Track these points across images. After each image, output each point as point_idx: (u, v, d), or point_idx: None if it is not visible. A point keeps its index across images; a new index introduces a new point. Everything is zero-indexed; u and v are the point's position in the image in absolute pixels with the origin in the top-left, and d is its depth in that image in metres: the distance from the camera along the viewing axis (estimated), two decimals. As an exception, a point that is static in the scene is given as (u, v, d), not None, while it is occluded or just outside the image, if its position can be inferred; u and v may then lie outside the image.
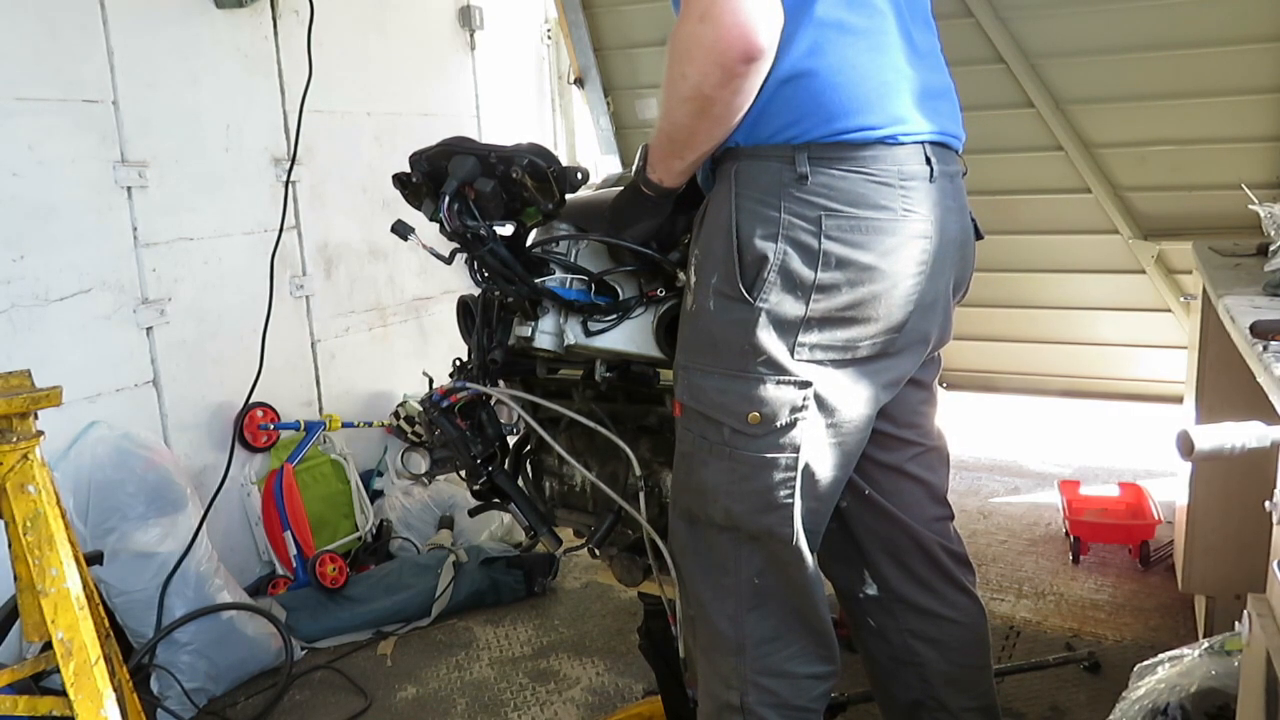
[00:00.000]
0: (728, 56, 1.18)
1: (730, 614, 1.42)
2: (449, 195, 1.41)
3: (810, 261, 1.27)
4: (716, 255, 1.32)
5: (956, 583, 1.65)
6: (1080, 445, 4.06)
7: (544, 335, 1.53)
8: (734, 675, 1.43)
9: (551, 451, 1.80)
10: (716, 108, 1.24)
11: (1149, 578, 2.89)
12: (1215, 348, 2.11)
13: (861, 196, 1.28)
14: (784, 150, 1.28)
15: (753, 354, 1.31)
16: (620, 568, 1.76)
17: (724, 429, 1.34)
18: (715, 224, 1.34)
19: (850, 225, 1.27)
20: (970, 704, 1.67)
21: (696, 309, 1.36)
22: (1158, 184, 3.33)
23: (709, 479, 1.37)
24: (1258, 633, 1.20)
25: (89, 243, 2.52)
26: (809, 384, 1.32)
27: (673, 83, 1.24)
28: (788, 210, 1.28)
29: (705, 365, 1.35)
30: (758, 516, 1.37)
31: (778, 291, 1.29)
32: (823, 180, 1.27)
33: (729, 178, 1.33)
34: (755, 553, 1.40)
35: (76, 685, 1.48)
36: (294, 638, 2.63)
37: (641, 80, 4.22)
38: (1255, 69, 3.02)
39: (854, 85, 1.28)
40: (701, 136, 1.29)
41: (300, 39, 2.91)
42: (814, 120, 1.27)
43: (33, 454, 1.52)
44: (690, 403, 1.37)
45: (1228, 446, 1.02)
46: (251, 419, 2.95)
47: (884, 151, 1.29)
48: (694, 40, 1.19)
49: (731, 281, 1.30)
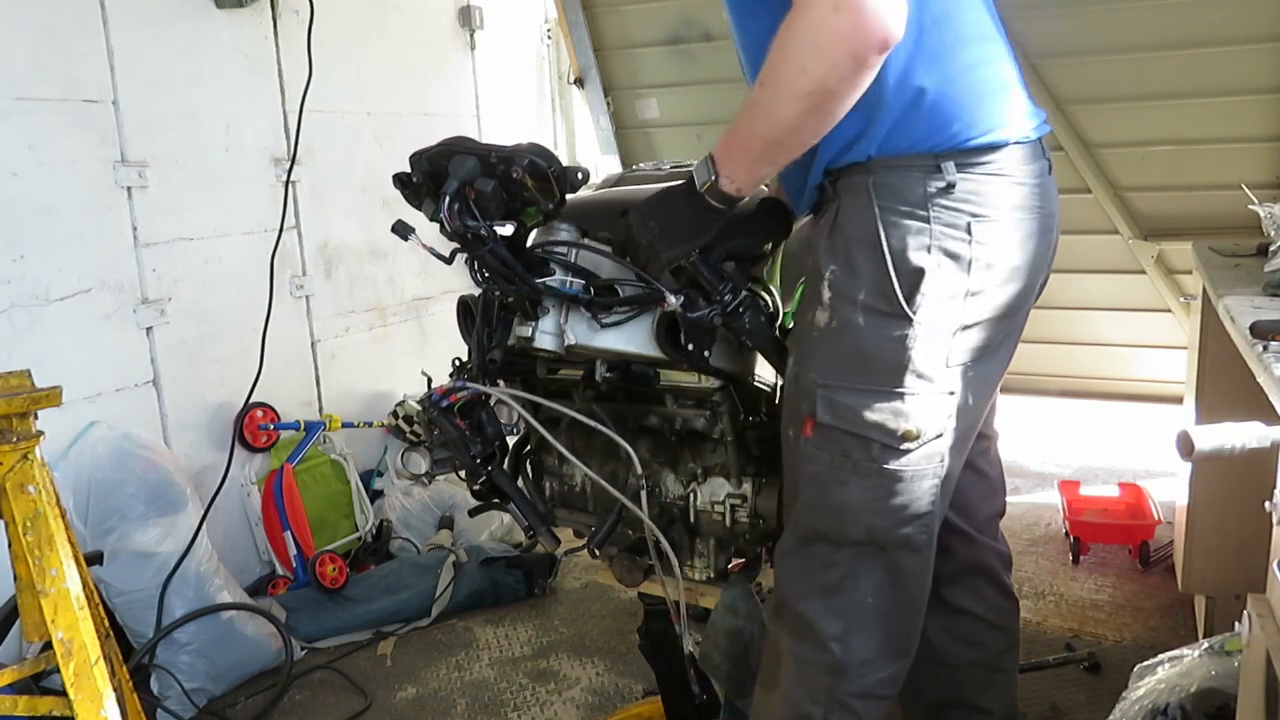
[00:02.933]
0: (865, 46, 1.12)
1: (838, 635, 1.38)
2: (449, 195, 1.40)
3: (963, 269, 1.27)
4: (863, 271, 1.28)
5: (1002, 586, 1.67)
6: (1080, 445, 4.06)
7: (544, 335, 1.53)
8: (824, 693, 1.40)
9: (551, 451, 1.80)
10: (836, 104, 1.19)
11: (1149, 578, 2.89)
12: (1215, 348, 2.11)
13: (1006, 199, 1.29)
14: (928, 160, 1.27)
15: (909, 368, 1.28)
16: (620, 568, 1.76)
17: (872, 446, 1.31)
18: (855, 238, 1.29)
19: (998, 229, 1.28)
20: (996, 708, 1.68)
21: (840, 325, 1.31)
22: (1158, 184, 3.33)
23: (850, 498, 1.33)
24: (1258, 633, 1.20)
25: (89, 243, 2.52)
26: (954, 391, 1.32)
27: (788, 79, 1.17)
28: (937, 220, 1.26)
29: (854, 383, 1.30)
30: (897, 529, 1.34)
31: (933, 303, 1.27)
32: (969, 187, 1.26)
33: (864, 191, 1.29)
34: (875, 569, 1.37)
35: (76, 685, 1.48)
36: (294, 638, 2.63)
37: (641, 80, 4.22)
38: (1255, 69, 3.02)
39: (990, 89, 1.29)
40: (807, 136, 1.24)
41: (300, 39, 2.91)
42: (958, 127, 1.27)
43: (33, 454, 1.52)
44: (834, 422, 1.31)
45: (1228, 447, 1.02)
46: (251, 419, 2.95)
47: (1018, 151, 1.30)
48: (826, 30, 1.12)
49: (886, 297, 1.27)
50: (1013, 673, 1.73)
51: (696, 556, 1.80)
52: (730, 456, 1.71)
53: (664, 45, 4.08)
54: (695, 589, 1.78)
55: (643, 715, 2.18)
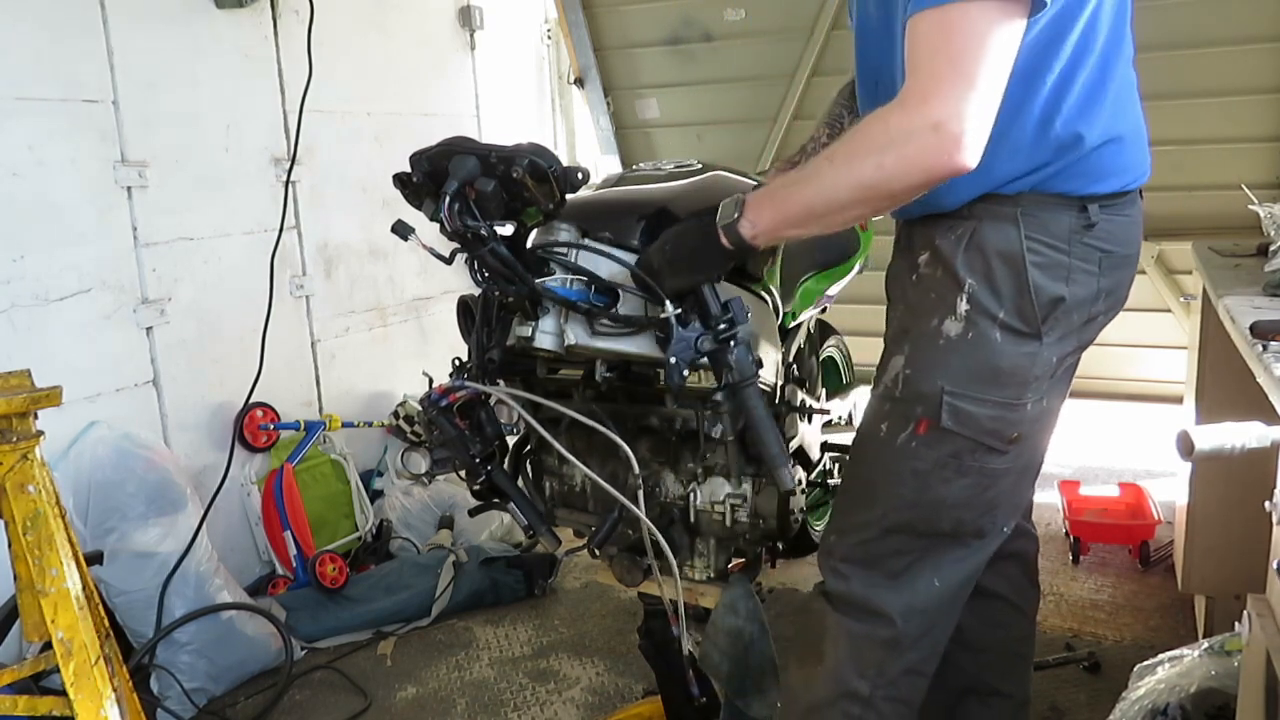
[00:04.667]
0: (945, 171, 1.17)
1: (902, 611, 1.44)
2: (449, 195, 1.40)
3: (1091, 299, 1.38)
4: (1003, 292, 1.35)
5: (1030, 572, 1.76)
6: (1080, 445, 4.05)
7: (544, 335, 1.53)
8: (875, 668, 1.45)
9: (551, 451, 1.80)
10: (886, 203, 1.25)
11: (1149, 578, 2.88)
12: (1215, 348, 2.11)
13: (1129, 238, 1.41)
14: (1078, 201, 1.35)
15: (1031, 383, 1.37)
16: (620, 568, 1.76)
17: (980, 449, 1.38)
18: (998, 260, 1.35)
19: (1118, 263, 1.40)
20: (1017, 692, 1.75)
21: (976, 339, 1.36)
22: (1158, 184, 3.27)
23: (950, 494, 1.40)
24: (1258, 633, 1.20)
25: (89, 243, 2.52)
26: (1045, 398, 1.41)
27: (858, 165, 1.21)
28: (1075, 255, 1.35)
29: (982, 393, 1.36)
30: (979, 521, 1.43)
31: (1061, 327, 1.37)
32: (1104, 226, 1.36)
33: (1012, 220, 1.34)
34: (945, 555, 1.44)
35: (76, 685, 1.48)
36: (294, 638, 2.63)
37: (641, 80, 4.22)
38: (1255, 69, 3.02)
39: (1135, 142, 1.41)
40: (843, 220, 1.30)
41: (300, 39, 2.91)
42: (1114, 177, 1.37)
43: (33, 454, 1.52)
44: (956, 428, 1.37)
45: (1228, 446, 1.02)
46: (251, 419, 2.95)
47: (1135, 195, 1.43)
48: (917, 143, 1.16)
49: (1025, 318, 1.35)
50: (1031, 658, 1.81)
51: (696, 556, 1.80)
52: (730, 456, 1.71)
53: (664, 45, 4.08)
54: (695, 589, 1.78)
55: (643, 715, 2.18)
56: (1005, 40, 1.16)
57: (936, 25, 1.16)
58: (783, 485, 1.52)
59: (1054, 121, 1.30)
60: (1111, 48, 1.32)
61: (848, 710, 1.46)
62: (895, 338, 1.46)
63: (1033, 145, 1.31)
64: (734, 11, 3.90)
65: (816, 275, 2.13)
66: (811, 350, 2.33)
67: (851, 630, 1.46)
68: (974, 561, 1.48)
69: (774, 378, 1.79)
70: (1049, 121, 1.30)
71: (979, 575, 1.51)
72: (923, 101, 1.16)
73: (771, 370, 1.75)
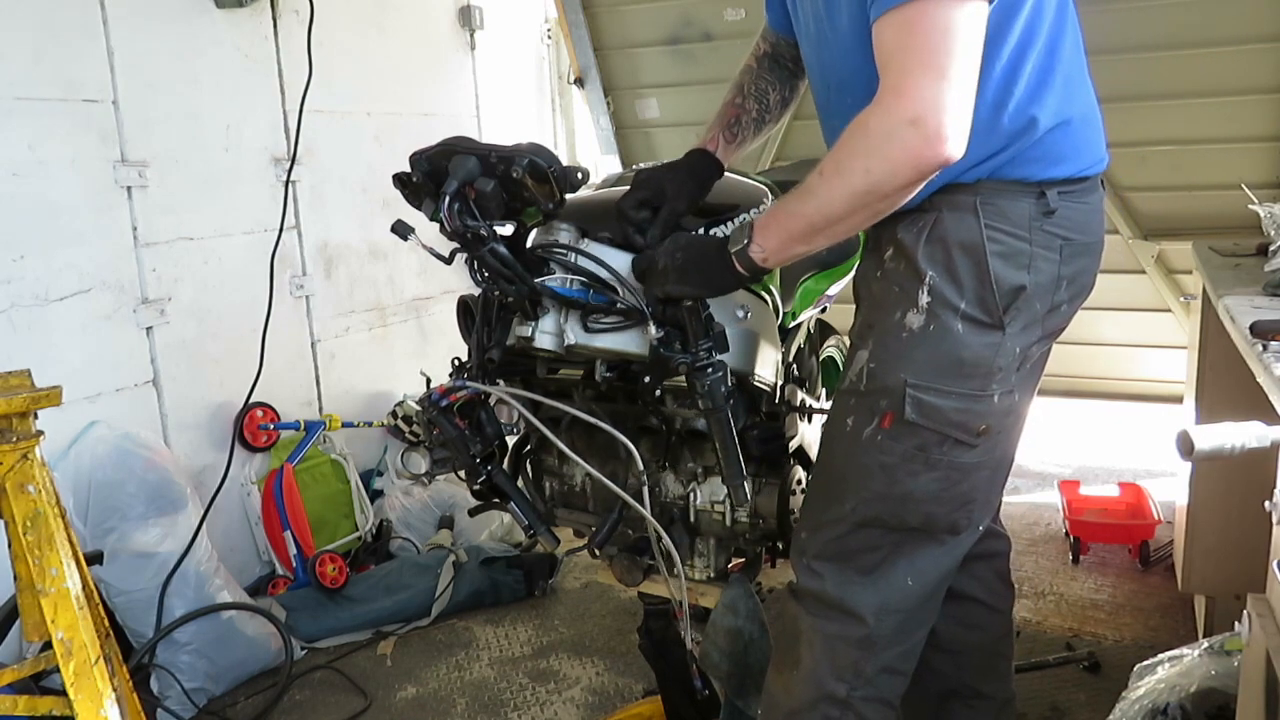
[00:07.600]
0: (931, 164, 1.18)
1: (874, 610, 1.44)
2: (449, 195, 1.40)
3: (1053, 287, 1.38)
4: (964, 283, 1.35)
5: (1002, 572, 1.76)
6: (1080, 445, 4.06)
7: (544, 335, 1.53)
8: (851, 669, 1.46)
9: (551, 451, 1.80)
10: (886, 205, 1.26)
11: (1149, 578, 2.89)
12: (1215, 348, 2.11)
13: (1089, 225, 1.42)
14: (1035, 187, 1.35)
15: (996, 374, 1.37)
16: (620, 568, 1.76)
17: (947, 442, 1.38)
18: (958, 249, 1.35)
19: (1079, 250, 1.40)
20: (998, 693, 1.75)
21: (938, 331, 1.37)
22: (1158, 184, 3.33)
23: (918, 488, 1.40)
24: (1258, 633, 1.20)
25: (89, 243, 2.52)
26: (1014, 390, 1.41)
27: (847, 174, 1.23)
28: (1036, 242, 1.36)
29: (946, 386, 1.37)
30: (950, 516, 1.43)
31: (1024, 316, 1.37)
32: (1064, 213, 1.37)
33: (971, 210, 1.35)
34: (917, 552, 1.45)
35: (76, 685, 1.48)
36: (294, 638, 2.63)
37: (641, 80, 4.22)
38: (1255, 69, 3.02)
39: (1092, 125, 1.41)
40: (848, 229, 1.30)
41: (300, 39, 2.91)
42: (1069, 161, 1.37)
43: (33, 454, 1.52)
44: (920, 420, 1.37)
45: (1228, 446, 1.02)
46: (251, 419, 2.95)
47: (1095, 182, 1.43)
48: (898, 140, 1.17)
49: (986, 308, 1.35)
50: (1010, 658, 1.81)
51: (696, 556, 1.80)
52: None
53: (664, 45, 4.08)
54: (695, 588, 1.78)
55: (643, 715, 2.18)
56: (970, 29, 1.17)
57: (901, 24, 1.18)
58: (739, 502, 1.59)
59: (1006, 106, 1.31)
60: (1057, 30, 1.33)
61: (827, 713, 1.46)
62: (860, 333, 1.48)
63: (987, 131, 1.30)
64: (734, 11, 3.90)
65: (816, 275, 2.13)
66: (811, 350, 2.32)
67: (825, 631, 1.47)
68: (949, 559, 1.48)
69: (774, 377, 1.79)
70: (1001, 106, 1.31)
71: (953, 571, 1.51)
72: (897, 99, 1.18)
73: (771, 370, 1.75)
